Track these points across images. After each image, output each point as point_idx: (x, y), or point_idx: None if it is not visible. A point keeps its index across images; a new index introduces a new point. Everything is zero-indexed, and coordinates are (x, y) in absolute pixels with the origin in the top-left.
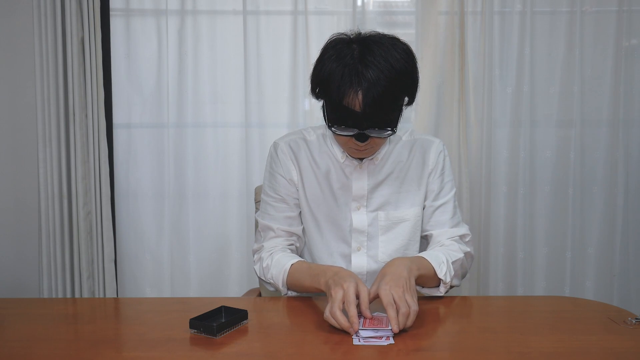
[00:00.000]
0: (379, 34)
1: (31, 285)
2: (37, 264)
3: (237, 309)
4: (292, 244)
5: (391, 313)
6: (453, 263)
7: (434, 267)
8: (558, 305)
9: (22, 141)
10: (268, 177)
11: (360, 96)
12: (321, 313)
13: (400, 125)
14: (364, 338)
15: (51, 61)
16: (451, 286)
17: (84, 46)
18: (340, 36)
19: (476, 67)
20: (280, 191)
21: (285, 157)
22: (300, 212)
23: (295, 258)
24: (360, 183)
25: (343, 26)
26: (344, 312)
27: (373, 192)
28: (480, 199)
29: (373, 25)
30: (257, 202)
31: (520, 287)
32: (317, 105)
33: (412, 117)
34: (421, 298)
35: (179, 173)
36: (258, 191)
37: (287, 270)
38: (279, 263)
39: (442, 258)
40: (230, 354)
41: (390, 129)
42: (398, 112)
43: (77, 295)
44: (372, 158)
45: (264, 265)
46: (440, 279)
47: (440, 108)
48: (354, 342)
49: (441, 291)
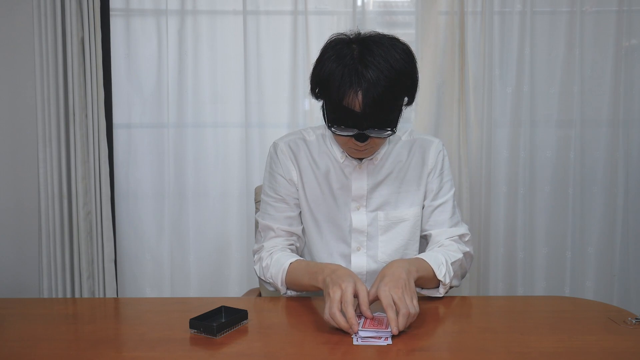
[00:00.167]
0: (379, 34)
1: (31, 285)
2: (37, 264)
3: (237, 309)
4: (292, 244)
5: (391, 315)
6: (452, 264)
7: (433, 269)
8: (558, 305)
9: (22, 141)
10: (268, 178)
11: (360, 96)
12: (321, 313)
13: (400, 125)
14: (363, 338)
15: (51, 61)
16: (450, 287)
17: (84, 46)
18: (339, 36)
19: (476, 67)
20: (280, 191)
21: (285, 158)
22: (300, 212)
23: (294, 257)
24: (359, 183)
25: (343, 26)
26: (343, 313)
27: (372, 192)
28: (480, 199)
29: (373, 25)
30: (257, 202)
31: (520, 287)
32: (317, 105)
33: (412, 117)
34: (421, 298)
35: (179, 173)
36: (258, 191)
37: (286, 269)
38: (278, 262)
39: (441, 259)
40: (230, 354)
41: (390, 129)
42: (398, 112)
43: (77, 295)
44: (372, 158)
45: (264, 264)
46: (439, 280)
47: (440, 108)
48: (354, 342)
49: (440, 292)
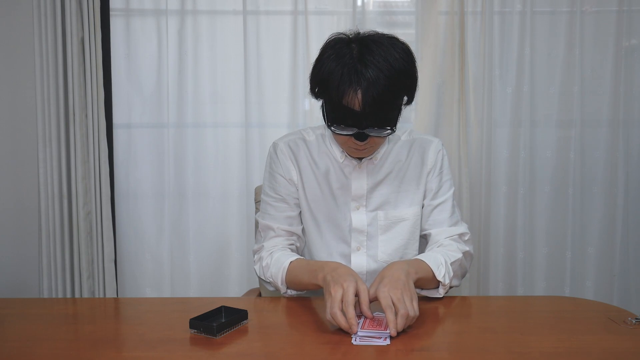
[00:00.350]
0: (378, 34)
1: (31, 285)
2: (37, 264)
3: (237, 309)
4: (293, 244)
5: (390, 316)
6: (452, 264)
7: (432, 269)
8: (558, 305)
9: (22, 141)
10: (268, 178)
11: (359, 95)
12: (321, 313)
13: (399, 125)
14: (361, 338)
15: (51, 61)
16: (451, 287)
17: (84, 46)
18: (339, 36)
19: (476, 67)
20: (280, 191)
21: (284, 157)
22: (300, 212)
23: (294, 256)
24: (359, 183)
25: (343, 26)
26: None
27: (372, 192)
28: (480, 199)
29: (373, 25)
30: (257, 202)
31: (520, 287)
32: (317, 105)
33: (412, 117)
34: (421, 298)
35: (179, 173)
36: (258, 191)
37: (286, 268)
38: (278, 261)
39: (441, 260)
40: (230, 354)
41: (389, 128)
42: (397, 112)
43: (77, 295)
44: (371, 158)
45: (264, 264)
46: (439, 281)
47: (440, 108)
48: (352, 342)
49: (440, 293)
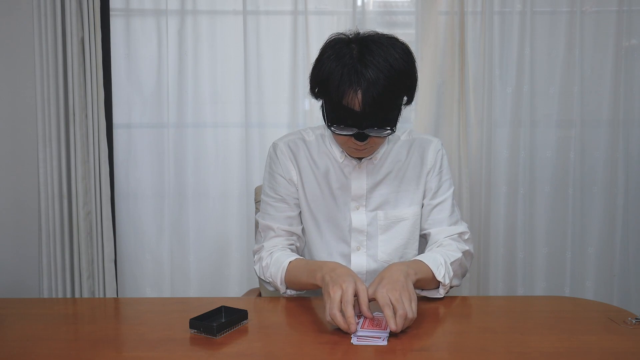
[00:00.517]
0: (378, 34)
1: (31, 285)
2: (37, 264)
3: (237, 309)
4: (293, 244)
5: (387, 312)
6: (451, 264)
7: (432, 270)
8: (558, 305)
9: (22, 141)
10: (268, 178)
11: (359, 96)
12: (320, 313)
13: (399, 125)
14: (360, 337)
15: (51, 61)
16: (451, 286)
17: (84, 46)
18: (339, 36)
19: (476, 67)
20: (280, 191)
21: (284, 158)
22: (300, 212)
23: (294, 256)
24: (359, 183)
25: (343, 26)
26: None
27: (372, 192)
28: (480, 199)
29: (373, 25)
30: (257, 202)
31: (520, 287)
32: (317, 105)
33: (412, 117)
34: (421, 298)
35: (179, 173)
36: (258, 191)
37: (285, 267)
38: (278, 261)
39: (440, 260)
40: (230, 354)
41: (389, 128)
42: (397, 112)
43: (77, 295)
44: (371, 158)
45: (264, 264)
46: (439, 281)
47: (440, 108)
48: (352, 342)
49: (441, 293)
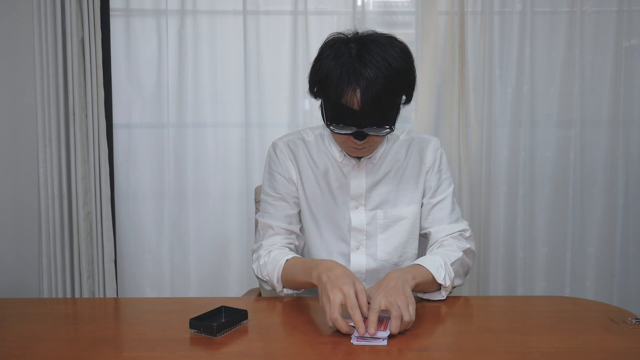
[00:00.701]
0: (376, 33)
1: (31, 285)
2: (37, 264)
3: (237, 309)
4: (291, 243)
5: (372, 317)
6: (452, 264)
7: (432, 273)
8: (558, 305)
9: (22, 141)
10: (267, 177)
11: (358, 94)
12: (320, 313)
13: (399, 124)
14: (359, 338)
15: (51, 61)
16: (453, 286)
17: (84, 46)
18: (337, 35)
19: (476, 67)
20: (279, 190)
21: (284, 157)
22: (299, 211)
23: (291, 254)
24: (358, 182)
25: (343, 26)
26: (344, 315)
27: (371, 191)
28: (480, 199)
29: (373, 25)
30: (257, 202)
31: (520, 287)
32: (317, 105)
33: (412, 117)
34: (421, 299)
35: (179, 173)
36: (258, 191)
37: (282, 265)
38: (275, 259)
39: (440, 262)
40: (230, 354)
41: (388, 127)
42: (396, 111)
43: (77, 295)
44: (370, 157)
45: (261, 262)
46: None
47: (440, 108)
48: (352, 342)
49: (442, 295)
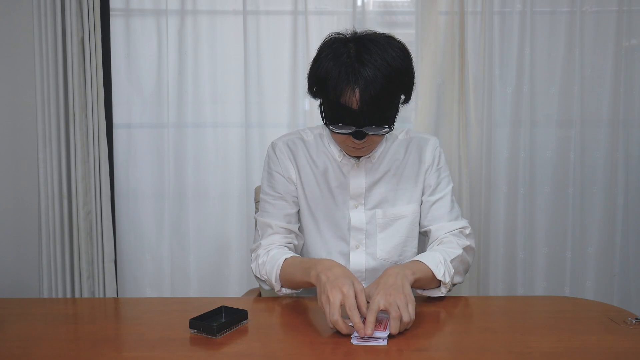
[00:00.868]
0: (375, 33)
1: (31, 285)
2: (37, 264)
3: (237, 309)
4: (290, 242)
5: (370, 319)
6: (452, 261)
7: (431, 269)
8: (558, 305)
9: (22, 141)
10: (266, 177)
11: (357, 94)
12: (320, 314)
13: (399, 124)
14: (359, 338)
15: (51, 61)
16: (453, 284)
17: (84, 46)
18: (336, 35)
19: (476, 67)
20: (278, 189)
21: (283, 156)
22: (298, 210)
23: (289, 253)
24: (357, 181)
25: (343, 26)
26: (344, 316)
27: (370, 190)
28: (480, 199)
29: (373, 25)
30: (257, 203)
31: (520, 287)
32: (317, 104)
33: (412, 117)
34: (421, 298)
35: (179, 173)
36: (258, 191)
37: (281, 264)
38: (274, 258)
39: (439, 258)
40: (230, 354)
41: (387, 127)
42: (395, 110)
43: (77, 295)
44: (369, 156)
45: (260, 262)
46: (440, 280)
47: (440, 108)
48: (352, 342)
49: (442, 291)
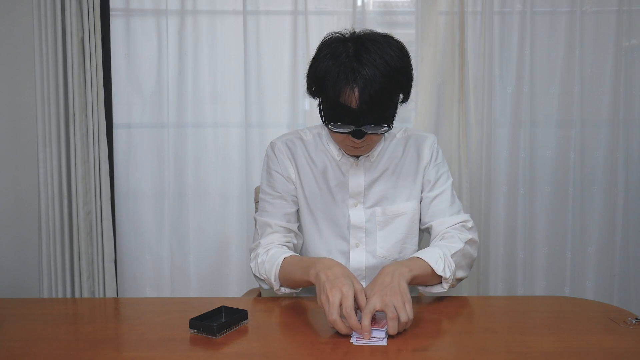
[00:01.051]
0: (373, 33)
1: (31, 285)
2: (37, 264)
3: (237, 309)
4: (290, 241)
5: (365, 322)
6: (452, 256)
7: (431, 265)
8: (558, 305)
9: (22, 141)
10: (266, 177)
11: (356, 93)
12: (320, 314)
13: (398, 124)
14: (359, 337)
15: (51, 61)
16: (457, 279)
17: (84, 46)
18: (335, 35)
19: (476, 67)
20: (278, 188)
21: (282, 156)
22: (298, 210)
23: (289, 253)
24: (356, 180)
25: (343, 26)
26: (343, 316)
27: (370, 189)
28: (480, 199)
29: (373, 25)
30: (257, 203)
31: (520, 287)
32: (316, 104)
33: (412, 117)
34: (420, 298)
35: (179, 173)
36: (258, 191)
37: (280, 263)
38: (273, 257)
39: (439, 253)
40: (230, 354)
41: (386, 126)
42: (394, 109)
43: (77, 295)
44: (368, 155)
45: (259, 261)
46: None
47: (440, 108)
48: (351, 341)
49: (444, 287)
